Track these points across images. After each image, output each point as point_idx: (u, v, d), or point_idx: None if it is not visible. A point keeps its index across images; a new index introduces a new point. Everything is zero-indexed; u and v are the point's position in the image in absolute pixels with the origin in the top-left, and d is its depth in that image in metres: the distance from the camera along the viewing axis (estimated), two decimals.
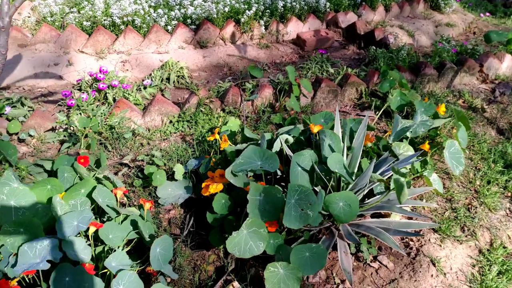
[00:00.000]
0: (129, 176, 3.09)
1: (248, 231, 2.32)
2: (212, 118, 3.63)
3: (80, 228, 2.18)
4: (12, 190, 2.33)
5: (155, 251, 2.23)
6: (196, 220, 2.85)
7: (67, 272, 1.99)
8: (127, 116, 3.55)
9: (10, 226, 2.16)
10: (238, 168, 2.50)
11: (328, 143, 2.67)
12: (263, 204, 2.40)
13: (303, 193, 2.34)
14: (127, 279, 2.05)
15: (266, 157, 2.54)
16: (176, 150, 3.32)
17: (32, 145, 3.38)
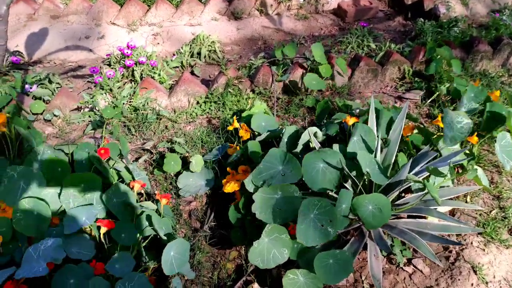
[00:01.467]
0: (151, 163, 2.97)
1: (269, 239, 2.16)
2: (241, 99, 3.43)
3: (86, 224, 2.09)
4: (26, 170, 2.25)
5: (168, 254, 2.10)
6: (218, 213, 2.71)
7: (72, 273, 1.91)
8: (152, 97, 3.41)
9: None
10: (258, 176, 2.32)
11: (359, 137, 2.43)
12: (280, 204, 2.22)
13: (323, 208, 2.13)
14: (135, 282, 1.94)
15: (288, 161, 2.33)
16: (201, 135, 3.17)
17: (57, 126, 3.31)
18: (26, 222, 2.08)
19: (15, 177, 2.21)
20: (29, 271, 1.82)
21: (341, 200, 2.20)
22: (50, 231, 2.14)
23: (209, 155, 2.88)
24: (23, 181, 2.23)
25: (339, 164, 2.30)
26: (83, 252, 2.07)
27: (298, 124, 3.33)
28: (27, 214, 2.11)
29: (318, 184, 2.29)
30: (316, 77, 3.41)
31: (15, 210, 2.08)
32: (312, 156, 2.32)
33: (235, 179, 2.49)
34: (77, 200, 2.24)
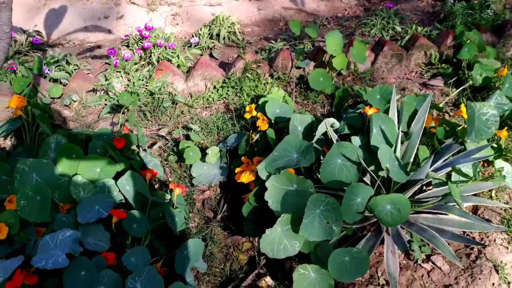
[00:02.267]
0: (165, 150, 2.93)
1: (282, 229, 2.10)
2: (259, 84, 3.34)
3: (101, 214, 2.07)
4: (36, 162, 2.24)
5: (181, 254, 2.08)
6: (232, 203, 2.66)
7: (84, 265, 1.89)
8: (168, 81, 3.34)
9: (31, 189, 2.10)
10: (272, 164, 2.25)
11: (378, 129, 2.32)
12: (292, 197, 2.16)
13: (330, 205, 2.06)
14: (145, 275, 1.92)
15: (303, 149, 2.25)
16: (217, 121, 3.10)
17: (74, 109, 3.29)
18: (30, 208, 2.08)
19: (26, 170, 2.21)
20: (47, 261, 1.81)
21: (356, 194, 2.12)
22: (60, 217, 2.13)
23: (224, 143, 2.82)
24: (36, 173, 2.22)
25: (357, 158, 2.21)
26: (100, 244, 2.06)
27: (317, 111, 3.23)
28: (30, 201, 2.10)
29: (334, 180, 2.21)
30: (323, 73, 3.21)
31: (18, 198, 2.07)
32: (330, 151, 2.24)
33: (250, 170, 2.43)
34: (90, 188, 2.22)
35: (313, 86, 3.20)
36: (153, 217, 2.25)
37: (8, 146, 3.04)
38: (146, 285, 1.89)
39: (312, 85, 3.20)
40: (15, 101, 2.72)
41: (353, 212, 2.09)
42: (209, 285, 2.31)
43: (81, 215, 2.06)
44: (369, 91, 2.82)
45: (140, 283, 1.89)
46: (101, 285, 1.89)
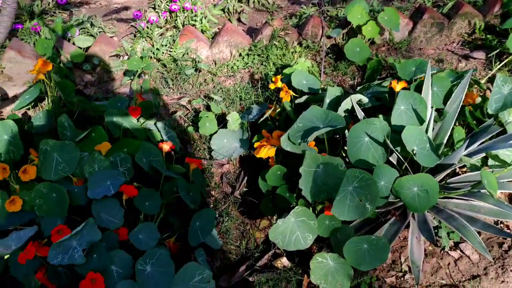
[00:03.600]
0: (185, 120, 2.84)
1: (296, 220, 2.00)
2: (287, 53, 3.17)
3: (112, 190, 2.01)
4: (57, 143, 2.20)
5: (194, 225, 2.01)
6: (251, 178, 2.57)
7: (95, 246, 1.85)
8: (193, 47, 3.22)
9: (45, 187, 2.05)
10: (296, 134, 2.12)
11: (408, 107, 2.15)
12: (322, 178, 2.03)
13: (364, 181, 1.92)
14: (156, 258, 1.86)
15: (330, 120, 2.11)
16: (240, 91, 2.97)
17: (96, 73, 3.22)
18: (48, 207, 2.04)
19: (48, 151, 2.17)
20: (64, 256, 1.80)
21: (379, 177, 1.98)
22: (72, 188, 2.10)
23: (246, 115, 2.70)
24: (57, 153, 2.18)
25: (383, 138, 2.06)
26: (114, 221, 2.01)
27: (346, 84, 3.05)
28: (46, 199, 2.06)
29: (360, 159, 2.07)
30: (360, 43, 2.99)
31: (34, 197, 2.04)
32: (357, 128, 2.09)
33: (270, 144, 2.31)
34: (103, 163, 2.16)
35: (349, 57, 3.00)
36: (168, 191, 2.17)
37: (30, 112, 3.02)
38: (157, 267, 1.84)
39: (348, 55, 2.99)
40: (39, 65, 2.66)
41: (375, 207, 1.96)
42: (223, 263, 2.25)
43: (92, 189, 2.01)
44: (403, 63, 2.61)
45: (150, 265, 1.84)
46: (113, 265, 1.85)
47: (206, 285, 1.87)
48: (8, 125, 2.34)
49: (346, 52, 2.99)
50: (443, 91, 2.37)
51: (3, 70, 3.22)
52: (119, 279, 1.84)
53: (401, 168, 2.13)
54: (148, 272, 1.83)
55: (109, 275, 1.85)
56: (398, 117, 2.16)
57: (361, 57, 2.97)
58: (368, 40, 3.17)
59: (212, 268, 2.22)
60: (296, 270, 2.20)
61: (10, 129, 2.33)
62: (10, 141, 2.31)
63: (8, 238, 2.04)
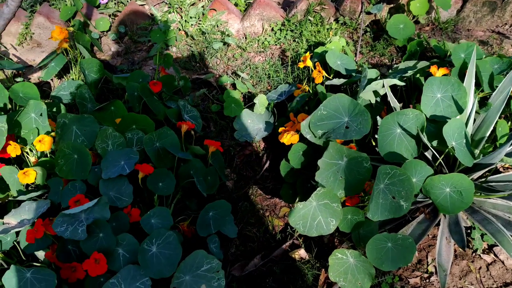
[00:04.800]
0: (210, 98, 2.72)
1: (318, 203, 1.85)
2: (322, 29, 2.97)
3: (127, 170, 1.93)
4: (76, 116, 2.15)
5: (206, 215, 1.92)
6: (274, 162, 2.44)
7: (102, 227, 1.79)
8: (223, 19, 3.07)
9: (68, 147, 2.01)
10: (317, 123, 1.96)
11: (447, 95, 1.96)
12: (344, 173, 1.88)
13: (397, 177, 1.75)
14: (163, 240, 1.78)
15: (357, 113, 1.94)
16: (269, 69, 2.82)
17: (124, 43, 3.14)
18: (68, 168, 2.00)
19: (67, 124, 2.11)
20: (67, 228, 1.76)
21: (411, 173, 1.82)
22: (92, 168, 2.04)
23: (273, 95, 2.56)
24: (76, 126, 2.12)
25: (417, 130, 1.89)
26: (122, 198, 1.95)
27: (383, 66, 2.84)
28: (68, 160, 2.01)
29: (392, 152, 1.91)
30: (404, 20, 2.75)
31: (56, 157, 1.99)
32: (388, 119, 1.92)
33: (295, 129, 2.17)
34: (118, 140, 2.09)
35: (392, 34, 2.78)
36: (184, 174, 2.08)
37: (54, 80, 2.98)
38: (163, 249, 1.76)
39: (390, 31, 2.78)
40: (57, 32, 2.59)
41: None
42: (239, 249, 2.16)
43: (105, 170, 1.95)
44: (451, 47, 2.38)
45: (156, 246, 1.76)
46: (119, 247, 1.79)
47: (215, 275, 1.79)
48: (40, 106, 2.29)
49: (388, 29, 2.77)
50: (488, 79, 2.15)
51: (32, 35, 3.19)
52: (125, 264, 1.78)
53: (435, 165, 1.96)
54: (153, 253, 1.75)
55: (116, 258, 1.79)
56: (434, 107, 1.97)
57: (405, 35, 2.75)
58: (412, 18, 2.94)
59: (226, 255, 2.14)
60: (313, 263, 2.09)
61: (41, 110, 2.28)
62: (35, 119, 2.26)
63: (21, 210, 2.02)
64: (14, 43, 3.17)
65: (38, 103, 2.23)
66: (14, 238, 1.96)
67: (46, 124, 2.22)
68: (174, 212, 2.08)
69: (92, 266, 1.71)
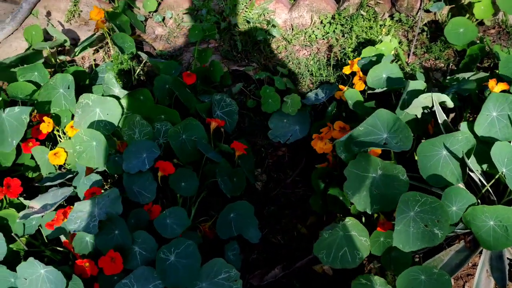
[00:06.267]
0: (247, 92, 2.60)
1: (345, 233, 1.73)
2: (374, 25, 2.77)
3: (147, 165, 1.88)
4: (100, 98, 2.10)
5: (226, 216, 1.84)
6: (307, 167, 2.31)
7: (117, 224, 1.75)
8: (270, 8, 2.93)
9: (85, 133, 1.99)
10: (354, 141, 1.81)
11: (503, 114, 1.75)
12: (378, 187, 1.74)
13: (428, 205, 1.59)
14: (182, 249, 1.72)
15: (396, 128, 1.77)
16: (313, 65, 2.66)
17: (168, 27, 3.07)
18: (88, 155, 1.98)
19: (90, 105, 2.07)
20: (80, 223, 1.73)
21: (451, 201, 1.65)
22: (112, 157, 2.01)
23: (313, 95, 2.41)
24: (99, 108, 2.09)
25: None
26: (145, 194, 1.91)
27: (437, 71, 2.61)
28: (87, 146, 1.99)
29: (435, 175, 1.74)
30: (466, 23, 2.48)
31: (74, 143, 1.96)
32: (434, 140, 1.74)
33: (329, 137, 2.03)
34: (145, 128, 2.03)
35: (449, 38, 2.52)
36: (209, 172, 2.00)
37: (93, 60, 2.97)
38: (182, 259, 1.69)
39: (448, 37, 2.52)
40: (94, 13, 2.55)
41: None
42: (260, 256, 2.07)
43: (127, 160, 1.91)
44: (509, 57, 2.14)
45: (175, 255, 1.70)
46: (135, 245, 1.75)
47: (232, 284, 1.72)
48: (67, 79, 2.27)
49: (446, 33, 2.53)
50: None
51: (80, 13, 3.18)
52: (142, 263, 1.74)
53: (480, 193, 1.76)
54: (171, 262, 1.70)
55: (132, 257, 1.75)
56: (488, 126, 1.77)
57: (464, 40, 2.50)
58: (476, 20, 2.67)
59: (247, 261, 2.05)
60: (336, 278, 1.97)
61: (68, 83, 2.26)
62: (64, 95, 2.25)
63: (46, 195, 2.03)
64: (62, 19, 3.17)
65: (65, 75, 2.22)
66: (39, 222, 1.97)
67: (72, 97, 2.20)
68: (197, 212, 2.01)
69: (108, 264, 1.69)
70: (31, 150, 2.19)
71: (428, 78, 2.55)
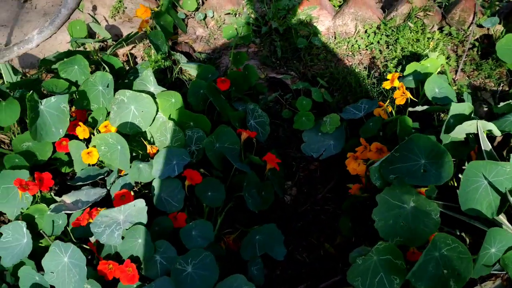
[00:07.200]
0: (283, 102, 2.54)
1: (379, 258, 1.65)
2: (422, 38, 2.64)
3: (176, 171, 1.87)
4: (135, 95, 2.10)
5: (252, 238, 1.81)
6: (340, 184, 2.24)
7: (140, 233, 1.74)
8: (314, 15, 2.85)
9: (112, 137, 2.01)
10: (389, 167, 1.73)
11: None
12: (407, 219, 1.66)
13: (456, 253, 1.52)
14: (199, 260, 1.69)
15: (435, 155, 1.68)
16: (352, 78, 2.57)
17: (209, 28, 3.05)
18: (112, 156, 1.99)
19: (125, 102, 2.07)
20: (103, 232, 1.75)
21: (490, 243, 1.55)
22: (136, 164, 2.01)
23: (351, 109, 2.32)
24: (134, 106, 2.09)
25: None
26: (172, 202, 1.89)
27: (487, 91, 2.47)
28: (112, 149, 2.01)
29: (472, 205, 1.64)
30: None
31: (99, 144, 1.97)
32: (476, 166, 1.64)
33: (364, 157, 1.95)
34: (177, 134, 2.02)
35: (502, 56, 2.36)
36: (238, 184, 1.97)
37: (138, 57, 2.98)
38: (199, 270, 1.67)
39: (500, 53, 2.36)
40: (141, 11, 2.56)
41: (480, 264, 1.54)
42: (284, 274, 2.02)
43: (156, 165, 1.90)
44: None
45: (192, 266, 1.68)
46: (157, 254, 1.74)
47: None
48: (106, 77, 2.28)
49: (497, 49, 2.38)
50: None
51: (125, 10, 3.20)
52: (162, 272, 1.73)
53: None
54: (187, 273, 1.67)
55: (153, 266, 1.74)
56: None
57: None
58: None
59: (270, 277, 2.01)
60: None
61: (107, 81, 2.27)
62: (102, 92, 2.27)
63: (79, 192, 2.05)
64: (107, 15, 3.21)
65: (105, 74, 2.23)
66: (65, 222, 1.98)
67: (110, 96, 2.21)
68: (223, 222, 1.98)
69: (125, 274, 1.68)
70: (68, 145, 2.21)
71: (476, 98, 2.42)
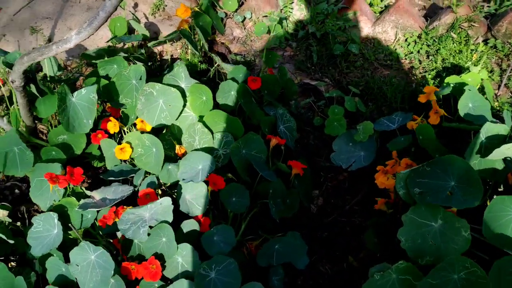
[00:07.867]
0: (315, 109, 2.50)
1: (398, 277, 1.61)
2: (465, 50, 2.55)
3: (200, 177, 1.87)
4: (164, 89, 2.12)
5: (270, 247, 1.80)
6: (368, 196, 2.19)
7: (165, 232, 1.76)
8: (353, 20, 2.80)
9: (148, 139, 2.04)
10: (417, 180, 1.68)
11: None
12: (435, 238, 1.61)
13: (475, 277, 1.46)
14: (223, 267, 1.70)
15: (466, 180, 1.62)
16: (389, 89, 2.51)
17: (247, 29, 3.05)
18: (146, 159, 2.03)
19: (154, 95, 2.09)
20: (130, 227, 1.77)
21: None
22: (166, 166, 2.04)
23: (384, 121, 2.27)
24: (163, 100, 2.11)
25: None
26: (196, 205, 1.90)
27: None
28: (147, 151, 2.04)
29: (501, 236, 1.57)
30: None
31: (136, 145, 2.01)
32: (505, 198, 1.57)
33: (393, 171, 1.91)
34: (205, 137, 2.03)
35: None
36: (262, 191, 1.96)
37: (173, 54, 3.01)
38: (222, 276, 1.68)
39: None
40: (181, 10, 2.58)
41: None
42: (305, 284, 2.00)
43: (182, 167, 1.92)
44: None
45: (215, 272, 1.68)
46: (178, 256, 1.75)
47: None
48: (139, 70, 2.30)
49: None
50: None
51: (165, 7, 3.24)
52: (181, 275, 1.74)
53: None
54: (211, 279, 1.68)
55: (174, 267, 1.76)
56: None
57: None
58: None
59: (292, 285, 1.99)
60: None
61: (140, 74, 2.29)
62: (136, 86, 2.29)
63: (108, 189, 2.09)
64: (147, 12, 3.25)
65: (138, 66, 2.26)
66: (94, 216, 2.03)
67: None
68: (246, 228, 1.98)
69: (148, 271, 1.70)
70: (100, 141, 2.26)
71: None
